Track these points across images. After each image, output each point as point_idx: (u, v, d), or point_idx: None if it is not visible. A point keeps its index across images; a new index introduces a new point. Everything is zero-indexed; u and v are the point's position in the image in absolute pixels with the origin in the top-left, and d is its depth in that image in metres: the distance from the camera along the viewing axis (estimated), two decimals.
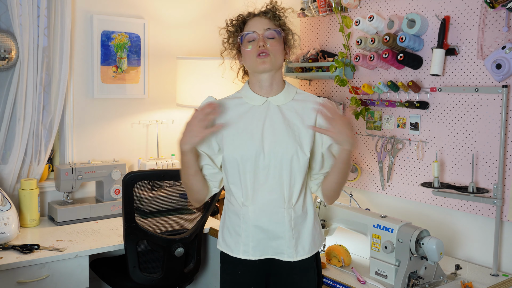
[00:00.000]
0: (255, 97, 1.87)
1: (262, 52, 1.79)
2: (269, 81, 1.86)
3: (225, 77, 2.69)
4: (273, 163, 1.80)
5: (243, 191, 1.83)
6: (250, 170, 1.81)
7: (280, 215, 1.82)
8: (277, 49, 1.83)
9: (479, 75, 2.20)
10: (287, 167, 1.80)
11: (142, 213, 2.66)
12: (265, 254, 1.85)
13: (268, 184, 1.81)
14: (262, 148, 1.80)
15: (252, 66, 1.84)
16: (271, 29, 1.82)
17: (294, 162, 1.80)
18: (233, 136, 1.84)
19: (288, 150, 1.80)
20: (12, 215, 2.38)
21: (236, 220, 1.87)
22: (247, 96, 1.89)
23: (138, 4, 3.10)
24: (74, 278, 2.30)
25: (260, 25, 1.83)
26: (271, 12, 1.86)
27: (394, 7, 2.50)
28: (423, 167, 2.43)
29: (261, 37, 1.81)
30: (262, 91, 1.87)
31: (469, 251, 2.30)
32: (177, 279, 2.55)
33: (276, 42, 1.83)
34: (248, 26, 1.86)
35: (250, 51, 1.82)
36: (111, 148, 3.06)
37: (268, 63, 1.80)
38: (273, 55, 1.81)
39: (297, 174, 1.82)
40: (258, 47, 1.80)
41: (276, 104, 1.86)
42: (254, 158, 1.80)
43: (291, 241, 1.83)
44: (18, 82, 2.64)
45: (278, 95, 1.87)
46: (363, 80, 2.67)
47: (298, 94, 1.91)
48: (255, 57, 1.81)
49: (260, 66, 1.81)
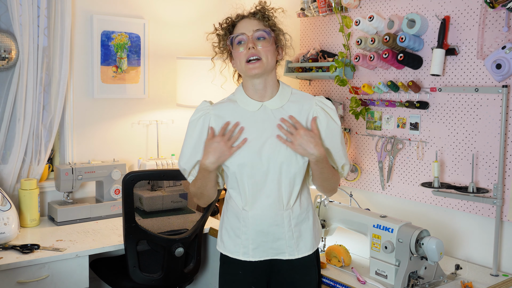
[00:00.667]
0: (250, 102, 1.85)
1: (253, 56, 1.77)
2: (263, 84, 1.83)
3: (218, 80, 2.67)
4: (272, 169, 1.80)
5: (242, 197, 1.83)
6: (248, 177, 1.80)
7: (279, 217, 1.82)
8: (268, 50, 1.79)
9: (479, 75, 2.20)
10: (287, 171, 1.80)
11: (142, 213, 2.65)
12: (265, 256, 1.85)
13: (266, 189, 1.81)
14: (260, 155, 1.79)
15: (243, 71, 1.82)
16: (260, 30, 1.79)
17: (292, 166, 1.80)
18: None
19: (287, 155, 1.79)
20: (12, 215, 2.38)
21: (236, 223, 1.87)
22: (241, 101, 1.86)
23: (138, 4, 3.10)
24: (74, 278, 2.30)
25: (249, 26, 1.81)
26: (260, 13, 1.83)
27: (394, 7, 2.50)
28: (423, 167, 2.43)
29: (251, 39, 1.78)
30: (257, 95, 1.85)
31: (469, 251, 2.30)
32: (177, 279, 2.54)
33: (266, 43, 1.80)
34: (238, 28, 1.83)
35: (240, 54, 1.79)
36: (111, 148, 3.06)
37: (259, 68, 1.78)
38: (265, 57, 1.78)
39: (297, 177, 1.82)
40: (248, 49, 1.77)
41: (272, 108, 1.84)
42: (251, 164, 1.79)
43: (291, 241, 1.84)
44: (18, 82, 2.64)
45: (273, 98, 1.85)
46: (363, 80, 2.67)
47: (293, 95, 1.88)
48: (245, 62, 1.78)
49: (251, 71, 1.78)
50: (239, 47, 1.80)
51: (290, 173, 1.80)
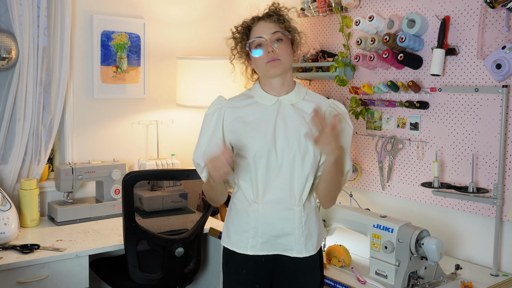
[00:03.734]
0: (267, 96, 1.88)
1: (273, 59, 1.81)
2: (281, 82, 1.88)
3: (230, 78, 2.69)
4: (285, 161, 1.81)
5: (253, 188, 1.84)
6: (262, 167, 1.82)
7: (291, 212, 1.82)
8: (286, 51, 1.84)
9: (479, 75, 2.20)
10: (300, 164, 1.81)
11: (142, 213, 2.65)
12: (273, 250, 1.86)
13: (279, 181, 1.81)
14: (275, 146, 1.81)
15: (263, 71, 1.86)
16: (278, 32, 1.83)
17: (307, 160, 1.81)
18: (245, 134, 1.84)
19: (301, 147, 1.81)
20: (12, 215, 2.38)
21: (244, 217, 1.86)
22: (258, 96, 1.90)
23: (138, 4, 3.10)
24: (74, 278, 2.30)
25: (266, 29, 1.84)
26: (276, 15, 1.86)
27: (394, 7, 2.50)
28: (423, 167, 2.43)
29: (269, 43, 1.82)
30: (274, 91, 1.89)
31: (469, 251, 2.30)
32: (177, 279, 2.55)
33: (284, 44, 1.84)
34: (255, 31, 1.86)
35: (260, 58, 1.83)
36: (111, 148, 3.06)
37: (279, 67, 1.82)
38: (283, 58, 1.83)
39: (310, 172, 1.83)
40: (268, 53, 1.81)
41: (288, 103, 1.87)
42: (267, 155, 1.81)
43: (300, 238, 1.84)
44: (18, 82, 2.64)
45: (290, 94, 1.89)
46: (363, 80, 2.67)
47: (308, 95, 1.93)
48: (265, 63, 1.82)
49: (271, 71, 1.83)
50: (258, 51, 1.83)
51: (304, 168, 1.81)
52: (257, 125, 1.84)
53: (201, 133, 1.91)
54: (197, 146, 1.92)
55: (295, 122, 1.83)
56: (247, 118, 1.86)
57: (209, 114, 1.90)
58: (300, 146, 1.81)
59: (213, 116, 1.89)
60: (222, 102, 1.91)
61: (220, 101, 1.92)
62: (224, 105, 1.90)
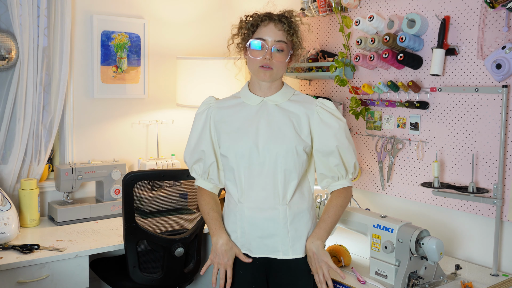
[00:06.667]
0: (252, 96, 1.91)
1: (266, 65, 1.82)
2: (269, 85, 1.91)
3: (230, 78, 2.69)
4: (267, 160, 1.82)
5: (238, 188, 1.86)
6: (244, 167, 1.83)
7: (275, 212, 1.83)
8: (281, 63, 1.85)
9: (479, 75, 2.20)
10: (282, 164, 1.82)
11: (142, 213, 2.65)
12: (261, 253, 1.86)
13: (262, 180, 1.82)
14: (257, 145, 1.82)
15: (254, 73, 1.88)
16: (282, 42, 1.83)
17: (289, 159, 1.81)
18: (228, 134, 1.88)
19: (283, 147, 1.82)
20: (12, 215, 2.38)
21: (232, 218, 1.89)
22: (244, 96, 1.93)
23: (138, 4, 3.10)
24: (74, 278, 2.30)
25: (273, 34, 1.83)
26: (287, 24, 1.84)
27: (394, 7, 2.50)
28: (423, 167, 2.43)
29: (269, 50, 1.82)
30: (261, 92, 1.91)
31: (469, 251, 2.30)
32: (177, 279, 2.54)
33: (282, 56, 1.84)
34: (261, 31, 1.85)
35: (255, 59, 1.84)
36: (111, 148, 3.06)
37: (269, 76, 1.84)
38: (276, 68, 1.84)
39: (293, 171, 1.83)
40: (264, 58, 1.82)
41: (272, 103, 1.89)
42: (248, 154, 1.83)
43: (286, 239, 1.84)
44: (18, 82, 2.64)
45: (275, 94, 1.90)
46: (363, 80, 2.67)
47: (295, 95, 1.94)
48: (257, 66, 1.84)
49: (261, 76, 1.85)
50: (255, 51, 1.83)
51: (286, 166, 1.82)
52: (241, 124, 1.87)
53: (191, 131, 1.99)
54: (187, 144, 1.99)
55: (279, 122, 1.85)
56: (232, 118, 1.90)
57: (199, 113, 1.97)
58: (283, 145, 1.82)
59: (202, 115, 1.95)
60: (211, 102, 1.96)
61: (210, 101, 1.97)
62: (213, 105, 1.95)
